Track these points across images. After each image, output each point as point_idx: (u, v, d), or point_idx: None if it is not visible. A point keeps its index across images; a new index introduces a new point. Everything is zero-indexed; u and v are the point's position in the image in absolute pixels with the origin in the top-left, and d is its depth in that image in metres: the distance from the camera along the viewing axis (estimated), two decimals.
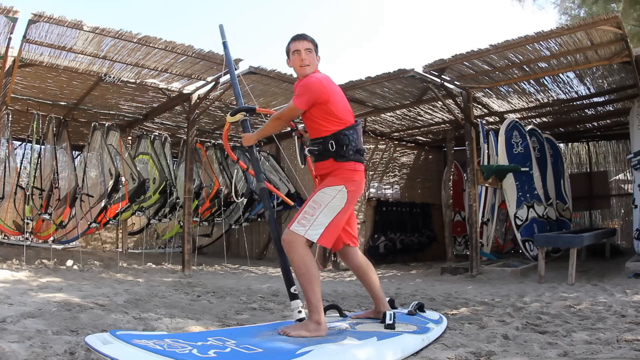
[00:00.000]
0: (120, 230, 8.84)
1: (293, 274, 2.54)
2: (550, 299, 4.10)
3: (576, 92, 7.28)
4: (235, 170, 8.00)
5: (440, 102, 7.32)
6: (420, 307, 3.08)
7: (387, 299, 2.93)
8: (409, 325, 2.62)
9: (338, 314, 2.91)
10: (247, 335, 2.22)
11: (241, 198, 8.03)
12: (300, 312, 2.53)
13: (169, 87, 6.77)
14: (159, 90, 6.88)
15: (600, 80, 6.89)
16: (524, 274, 6.34)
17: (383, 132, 9.46)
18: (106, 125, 7.29)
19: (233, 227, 8.60)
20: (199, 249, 9.17)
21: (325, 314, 2.82)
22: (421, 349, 2.35)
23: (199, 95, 6.97)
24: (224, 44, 3.20)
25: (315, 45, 2.70)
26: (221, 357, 1.86)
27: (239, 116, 2.81)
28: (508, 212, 7.27)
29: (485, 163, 6.93)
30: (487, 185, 7.16)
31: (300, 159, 2.71)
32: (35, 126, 6.86)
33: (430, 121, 8.83)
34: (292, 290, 2.56)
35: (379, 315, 2.71)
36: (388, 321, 2.54)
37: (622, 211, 9.98)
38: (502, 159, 6.90)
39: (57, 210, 6.72)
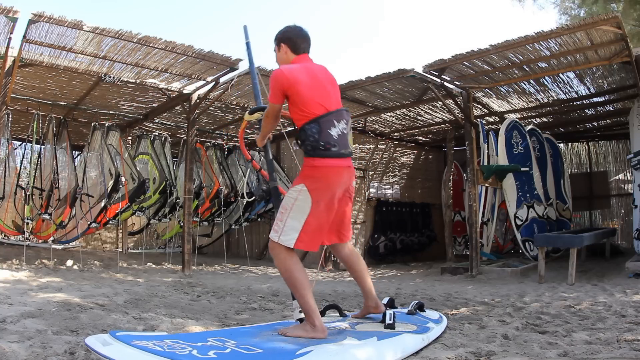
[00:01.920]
0: (120, 230, 8.84)
1: None
2: (550, 299, 4.10)
3: (576, 92, 7.28)
4: (248, 170, 7.96)
5: (440, 102, 7.32)
6: (420, 307, 3.08)
7: (387, 298, 2.93)
8: (409, 324, 2.62)
9: (338, 314, 2.91)
10: (247, 336, 2.22)
11: (252, 197, 7.97)
12: (301, 312, 2.52)
13: (169, 87, 6.77)
14: (159, 90, 6.88)
15: (600, 80, 6.89)
16: (524, 274, 6.34)
17: (383, 132, 9.46)
18: (106, 125, 7.28)
19: (233, 227, 8.59)
20: (199, 249, 9.17)
21: (325, 314, 2.83)
22: (421, 349, 2.35)
23: (199, 95, 6.97)
24: (247, 45, 3.17)
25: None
26: (221, 357, 1.86)
27: (257, 115, 2.78)
28: (508, 212, 7.27)
29: (485, 163, 6.93)
30: (487, 185, 7.16)
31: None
32: (35, 126, 6.86)
33: (430, 121, 8.83)
34: None
35: (371, 309, 2.73)
36: (388, 321, 2.54)
37: (622, 211, 9.98)
38: (502, 159, 6.90)
39: (57, 210, 6.71)
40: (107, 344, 1.79)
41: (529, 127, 7.94)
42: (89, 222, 6.72)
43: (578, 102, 7.76)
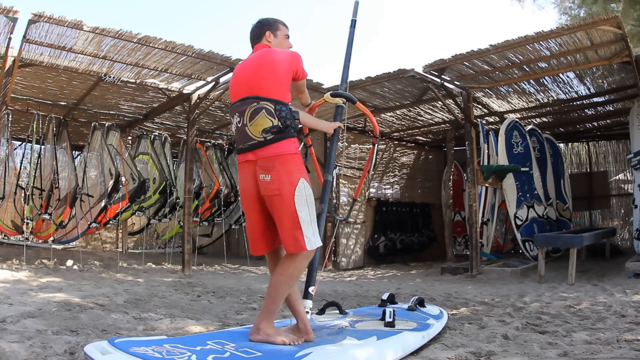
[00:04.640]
0: (120, 230, 8.85)
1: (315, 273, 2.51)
2: (550, 299, 4.10)
3: (576, 92, 7.28)
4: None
5: (440, 102, 7.31)
6: (421, 302, 3.09)
7: (387, 294, 2.94)
8: (409, 322, 2.62)
9: (338, 312, 2.91)
10: (247, 338, 2.21)
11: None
12: (307, 312, 2.50)
13: (169, 87, 6.77)
14: (159, 90, 6.88)
15: (600, 80, 6.89)
16: (524, 274, 6.34)
17: (383, 132, 9.46)
18: (106, 125, 7.28)
19: (233, 227, 8.60)
20: (199, 249, 9.17)
21: (325, 311, 2.84)
22: (422, 347, 2.35)
23: (199, 95, 6.97)
24: (353, 22, 3.02)
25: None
26: None
27: (338, 100, 2.70)
28: (508, 212, 7.27)
29: (485, 163, 6.93)
30: (487, 185, 7.15)
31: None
32: (35, 126, 6.86)
33: (430, 121, 8.83)
34: (309, 289, 2.49)
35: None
36: (387, 319, 2.54)
37: (622, 211, 9.98)
38: (502, 159, 6.90)
39: (57, 210, 6.71)
40: (106, 353, 1.78)
41: (529, 127, 7.94)
42: (89, 222, 6.72)
43: (578, 102, 7.76)
